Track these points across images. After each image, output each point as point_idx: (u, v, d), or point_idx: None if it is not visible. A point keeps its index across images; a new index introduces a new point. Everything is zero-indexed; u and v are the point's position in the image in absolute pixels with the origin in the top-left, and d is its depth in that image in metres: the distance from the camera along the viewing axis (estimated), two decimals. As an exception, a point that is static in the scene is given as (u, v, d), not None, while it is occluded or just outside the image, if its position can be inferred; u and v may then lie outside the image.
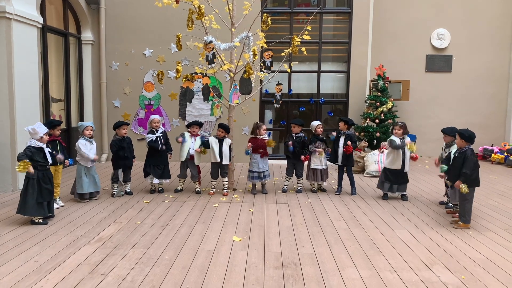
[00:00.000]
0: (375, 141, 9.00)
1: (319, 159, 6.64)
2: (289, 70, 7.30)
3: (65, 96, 8.80)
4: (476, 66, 10.63)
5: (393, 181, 6.18)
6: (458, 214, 5.16)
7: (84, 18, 9.18)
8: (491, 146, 10.33)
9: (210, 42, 6.09)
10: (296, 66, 8.52)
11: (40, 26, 7.10)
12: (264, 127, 6.57)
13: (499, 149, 9.93)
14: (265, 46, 6.78)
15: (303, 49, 6.86)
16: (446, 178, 5.31)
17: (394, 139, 6.13)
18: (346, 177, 6.65)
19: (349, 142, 6.42)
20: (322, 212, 5.64)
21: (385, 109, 9.13)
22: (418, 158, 6.43)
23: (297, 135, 6.64)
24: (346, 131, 6.58)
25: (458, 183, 4.83)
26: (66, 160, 5.67)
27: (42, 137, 4.92)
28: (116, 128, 6.24)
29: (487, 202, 6.23)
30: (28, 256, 3.98)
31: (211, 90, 6.61)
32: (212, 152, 6.37)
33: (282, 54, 7.07)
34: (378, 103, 9.20)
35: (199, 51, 6.76)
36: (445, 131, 5.70)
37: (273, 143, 6.69)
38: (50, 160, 5.03)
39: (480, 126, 10.44)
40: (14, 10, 6.33)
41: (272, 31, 8.08)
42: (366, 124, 9.29)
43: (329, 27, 10.02)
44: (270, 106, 10.01)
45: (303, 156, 6.59)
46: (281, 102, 7.37)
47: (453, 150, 5.28)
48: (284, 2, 10.00)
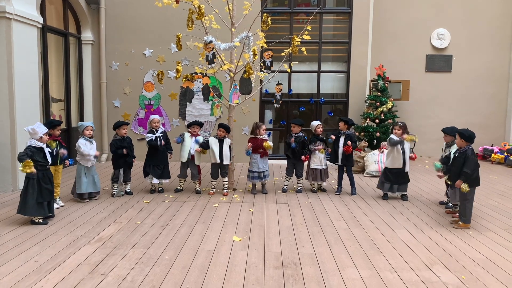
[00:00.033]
0: (375, 141, 9.00)
1: (319, 159, 6.64)
2: (289, 70, 7.30)
3: (65, 96, 8.80)
4: (476, 66, 10.63)
5: (393, 181, 6.18)
6: (458, 214, 5.17)
7: (84, 18, 9.19)
8: (491, 146, 10.33)
9: (210, 42, 6.09)
10: (296, 66, 8.52)
11: (40, 26, 7.10)
12: (263, 127, 6.57)
13: (499, 149, 9.93)
14: (265, 46, 6.78)
15: (303, 49, 6.86)
16: (447, 177, 5.31)
17: (392, 136, 6.15)
18: (346, 177, 6.66)
19: (349, 142, 6.42)
20: (322, 212, 5.64)
21: (385, 109, 9.13)
22: (416, 157, 6.45)
23: (297, 135, 6.64)
24: (346, 131, 6.58)
25: (459, 183, 4.84)
26: (67, 160, 5.69)
27: (41, 137, 4.92)
28: (116, 128, 6.24)
29: (487, 202, 6.23)
30: (28, 256, 3.98)
31: (211, 90, 6.61)
32: (212, 153, 6.37)
33: (282, 54, 7.07)
34: (378, 103, 9.20)
35: (199, 51, 6.76)
36: (445, 131, 5.71)
37: (270, 147, 6.41)
38: (50, 160, 5.04)
39: (480, 126, 10.44)
40: (14, 10, 6.33)
41: (272, 31, 8.09)
42: (366, 124, 9.29)
43: (329, 27, 10.02)
44: (270, 106, 10.01)
45: (303, 156, 6.60)
46: (281, 102, 7.37)
47: (453, 150, 5.29)
48: (284, 2, 10.00)
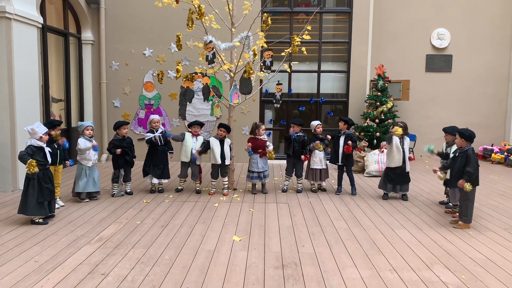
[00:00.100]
0: (375, 141, 9.00)
1: (319, 159, 6.64)
2: (289, 70, 7.30)
3: (65, 96, 8.80)
4: (476, 66, 10.63)
5: (396, 181, 6.18)
6: (458, 214, 5.16)
7: (84, 18, 9.18)
8: (491, 146, 10.34)
9: (210, 42, 6.09)
10: (296, 66, 8.52)
11: (40, 26, 7.10)
12: (263, 127, 6.57)
13: (499, 149, 9.93)
14: (265, 46, 6.78)
15: (303, 49, 6.86)
16: (445, 178, 5.32)
17: (389, 135, 6.21)
18: (346, 177, 6.66)
19: (349, 142, 6.42)
20: (322, 212, 5.64)
21: (385, 109, 9.13)
22: (414, 158, 6.49)
23: (297, 135, 6.63)
24: (346, 131, 6.58)
25: (461, 182, 4.83)
26: (67, 160, 5.69)
27: (41, 137, 4.92)
28: (116, 128, 6.24)
29: (487, 202, 6.23)
30: (28, 256, 3.98)
31: (211, 90, 6.61)
32: (212, 153, 6.37)
33: (282, 54, 7.07)
34: (378, 103, 9.20)
35: (199, 51, 6.76)
36: (446, 130, 5.72)
37: (273, 157, 6.52)
38: (49, 159, 5.04)
39: (480, 126, 10.43)
40: (14, 10, 6.33)
41: (272, 31, 8.09)
42: (366, 124, 9.29)
43: (329, 27, 10.02)
44: (270, 106, 10.01)
45: (303, 155, 6.60)
46: (281, 102, 7.38)
47: (453, 149, 5.29)
48: (284, 2, 10.00)
